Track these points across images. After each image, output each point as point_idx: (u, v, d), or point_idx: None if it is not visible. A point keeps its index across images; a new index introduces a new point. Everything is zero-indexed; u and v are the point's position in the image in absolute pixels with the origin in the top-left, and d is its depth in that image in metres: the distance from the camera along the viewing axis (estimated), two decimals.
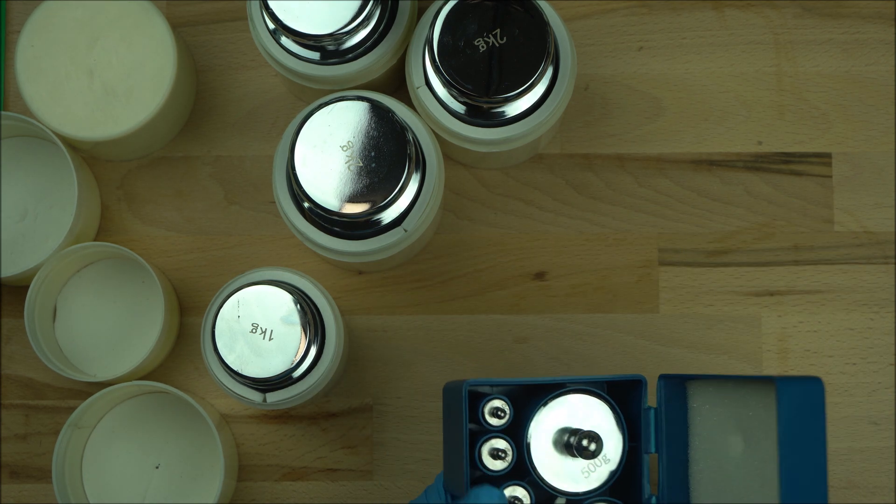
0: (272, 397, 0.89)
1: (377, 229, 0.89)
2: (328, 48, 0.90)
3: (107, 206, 1.00)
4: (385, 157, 0.86)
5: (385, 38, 0.91)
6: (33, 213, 0.98)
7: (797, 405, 0.80)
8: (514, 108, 0.90)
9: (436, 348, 0.98)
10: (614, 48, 1.00)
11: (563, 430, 0.85)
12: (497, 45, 0.87)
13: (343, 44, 0.90)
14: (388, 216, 0.88)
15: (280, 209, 0.90)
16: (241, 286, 0.88)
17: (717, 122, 1.00)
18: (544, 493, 0.86)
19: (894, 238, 0.99)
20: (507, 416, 0.86)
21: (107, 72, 0.95)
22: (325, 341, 0.90)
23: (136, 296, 0.98)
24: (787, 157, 1.00)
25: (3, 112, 0.95)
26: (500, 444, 0.86)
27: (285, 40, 0.91)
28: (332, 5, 0.88)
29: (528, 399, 0.87)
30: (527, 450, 0.85)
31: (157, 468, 0.97)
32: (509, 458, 0.85)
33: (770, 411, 0.83)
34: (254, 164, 1.00)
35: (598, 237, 0.99)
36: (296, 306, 0.87)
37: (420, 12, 0.93)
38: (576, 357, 0.98)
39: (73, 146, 0.97)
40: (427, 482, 0.97)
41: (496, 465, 0.86)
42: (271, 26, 0.91)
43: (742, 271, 0.99)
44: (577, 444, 0.83)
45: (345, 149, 0.86)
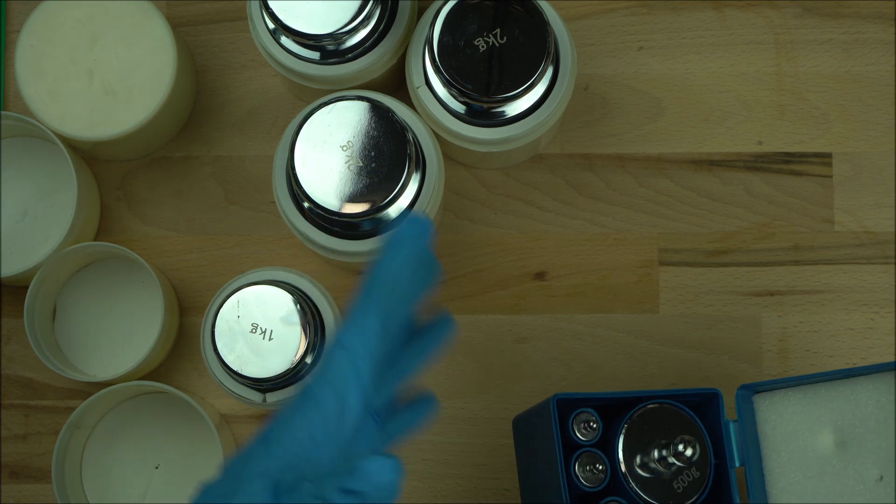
0: (272, 397, 0.89)
1: (377, 229, 0.89)
2: (328, 48, 0.90)
3: (107, 206, 1.00)
4: (385, 157, 0.86)
5: (385, 38, 0.91)
6: (33, 213, 0.98)
7: None
8: (514, 108, 0.90)
9: None
10: (614, 48, 1.00)
11: (652, 444, 0.85)
12: (497, 45, 0.87)
13: (343, 44, 0.90)
14: (388, 216, 0.88)
15: (280, 209, 0.90)
16: (241, 286, 0.88)
17: (717, 122, 1.00)
18: None
19: (894, 238, 0.99)
20: (598, 429, 0.86)
21: (107, 72, 0.95)
22: (325, 341, 0.90)
23: (136, 296, 0.98)
24: (788, 157, 1.00)
25: (3, 112, 0.95)
26: (594, 458, 0.85)
27: (285, 40, 0.91)
28: (332, 5, 0.88)
29: (609, 414, 0.87)
30: (619, 464, 0.85)
31: (157, 468, 0.97)
32: (604, 474, 0.85)
33: (864, 405, 0.84)
34: (254, 164, 1.00)
35: (598, 237, 0.99)
36: (296, 306, 0.87)
37: (420, 12, 0.93)
38: (576, 357, 0.98)
39: (72, 146, 0.97)
40: (427, 482, 0.97)
41: (592, 481, 0.85)
42: (271, 26, 0.91)
43: (742, 271, 0.99)
44: (673, 451, 0.82)
45: (345, 149, 0.86)
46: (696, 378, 0.98)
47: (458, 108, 0.90)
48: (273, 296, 0.87)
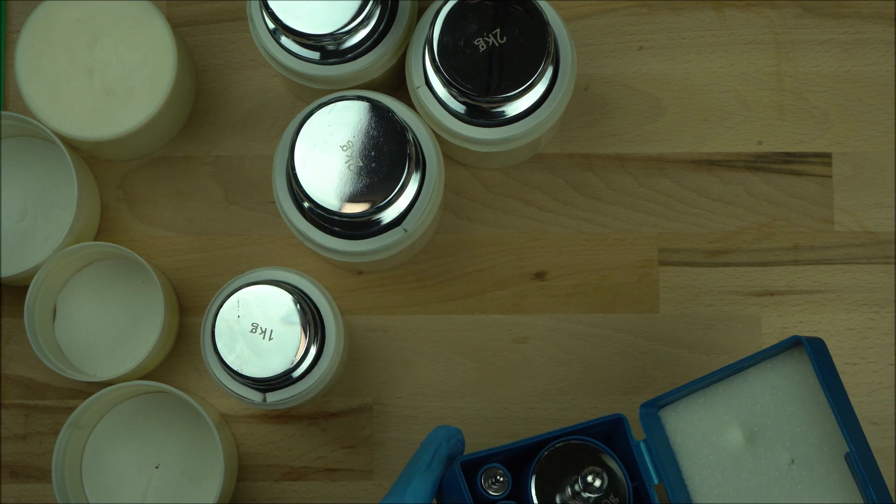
0: (272, 397, 0.89)
1: (377, 229, 0.89)
2: (328, 48, 0.90)
3: (107, 206, 1.00)
4: (385, 157, 0.86)
5: (385, 38, 0.91)
6: (33, 213, 0.98)
7: (820, 359, 0.83)
8: (514, 108, 0.90)
9: (436, 348, 0.98)
10: (614, 48, 1.00)
11: (564, 483, 0.84)
12: (497, 45, 0.87)
13: (343, 44, 0.90)
14: (388, 216, 0.88)
15: (280, 209, 0.90)
16: (241, 286, 0.88)
17: (717, 122, 1.00)
18: None
19: (894, 238, 0.99)
20: (507, 482, 0.85)
21: (107, 72, 0.95)
22: (325, 341, 0.90)
23: (136, 296, 0.98)
24: (788, 157, 1.00)
25: (3, 112, 0.95)
26: None
27: (285, 40, 0.91)
28: (332, 5, 0.88)
29: (520, 463, 0.86)
30: None
31: (157, 468, 0.97)
32: None
33: (760, 395, 0.85)
34: (254, 164, 1.00)
35: (598, 237, 0.99)
36: (296, 306, 0.87)
37: (420, 12, 0.93)
38: (575, 357, 0.98)
39: (73, 146, 0.97)
40: None
41: None
42: (271, 26, 0.91)
43: (742, 271, 0.99)
44: (583, 484, 0.81)
45: (345, 149, 0.86)
46: (696, 378, 0.98)
47: (458, 108, 0.90)
48: (273, 296, 0.87)
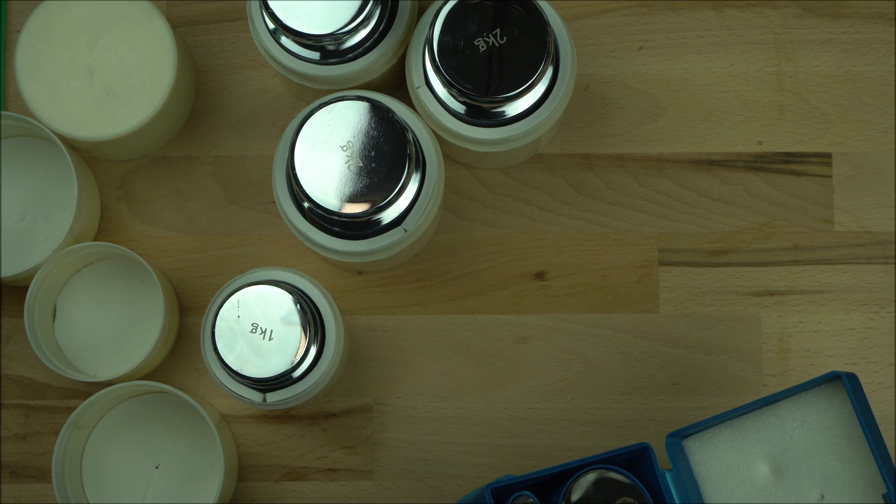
0: (272, 397, 0.89)
1: (377, 229, 0.89)
2: (328, 48, 0.90)
3: (107, 206, 1.00)
4: (385, 157, 0.86)
5: (385, 38, 0.91)
6: (33, 213, 0.98)
7: (857, 395, 0.82)
8: (514, 108, 0.90)
9: (436, 348, 0.98)
10: (614, 48, 1.00)
11: None
12: (497, 45, 0.87)
13: (343, 44, 0.90)
14: (388, 216, 0.88)
15: (280, 209, 0.90)
16: (241, 286, 0.88)
17: (717, 122, 1.00)
18: None
19: (894, 238, 0.99)
20: None
21: (107, 72, 0.95)
22: (325, 341, 0.90)
23: (136, 296, 0.98)
24: (787, 157, 1.00)
25: (3, 112, 0.95)
26: None
27: (285, 40, 0.91)
28: (332, 5, 0.88)
29: (547, 489, 0.86)
30: None
31: (157, 468, 0.97)
32: None
33: (790, 429, 0.84)
34: (254, 164, 1.00)
35: (598, 237, 0.99)
36: (296, 306, 0.87)
37: (420, 12, 0.93)
38: (576, 357, 0.98)
39: (73, 146, 0.97)
40: (427, 482, 0.97)
41: None
42: (271, 26, 0.91)
43: (742, 271, 0.99)
44: None
45: (345, 149, 0.86)
46: (697, 378, 0.98)
47: (458, 108, 0.90)
48: (273, 296, 0.87)
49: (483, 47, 0.87)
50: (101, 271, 0.98)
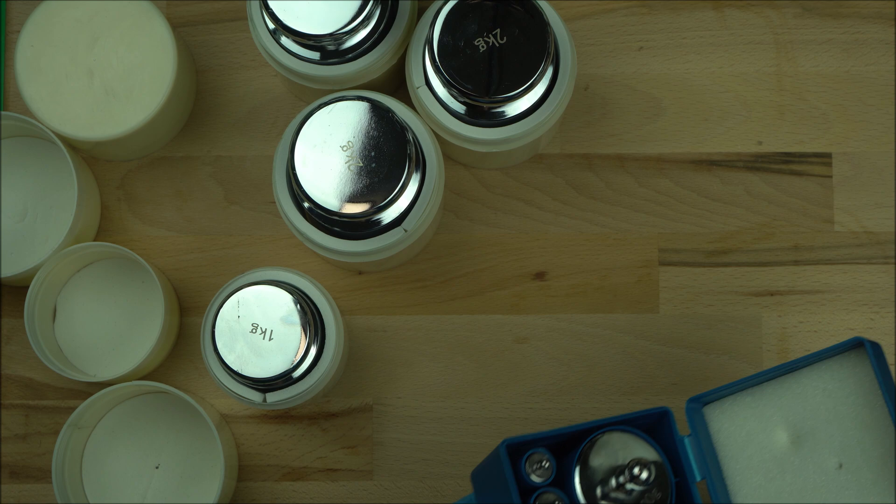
0: (272, 397, 0.89)
1: (377, 229, 0.89)
2: (328, 48, 0.90)
3: (107, 206, 1.00)
4: (385, 157, 0.86)
5: (385, 38, 0.91)
6: (33, 213, 0.98)
7: (880, 362, 0.82)
8: (514, 108, 0.90)
9: (436, 348, 0.99)
10: (614, 48, 1.00)
11: (609, 473, 0.83)
12: (497, 45, 0.87)
13: (343, 44, 0.90)
14: (388, 216, 0.88)
15: (280, 209, 0.90)
16: (241, 286, 0.88)
17: (717, 122, 1.00)
18: None
19: (894, 238, 0.99)
20: (552, 468, 0.84)
21: (107, 72, 0.95)
22: (325, 341, 0.90)
23: (136, 296, 0.98)
24: (787, 157, 1.00)
25: (3, 112, 0.95)
26: (551, 498, 0.83)
27: (285, 40, 0.91)
28: (332, 5, 0.88)
29: (563, 450, 0.86)
30: (577, 499, 0.83)
31: (157, 468, 0.97)
32: None
33: (811, 396, 0.84)
34: (254, 164, 1.00)
35: (598, 237, 0.99)
36: (296, 306, 0.87)
37: (420, 12, 0.93)
38: (576, 357, 0.98)
39: (73, 146, 0.97)
40: (427, 482, 0.97)
41: None
42: (271, 26, 0.91)
43: (742, 271, 0.99)
44: (629, 476, 0.81)
45: (345, 149, 0.86)
46: (697, 378, 0.98)
47: (458, 108, 0.90)
48: (273, 296, 0.87)
49: (483, 47, 0.87)
50: (101, 271, 0.98)
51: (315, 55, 0.91)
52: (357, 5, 0.88)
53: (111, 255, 0.98)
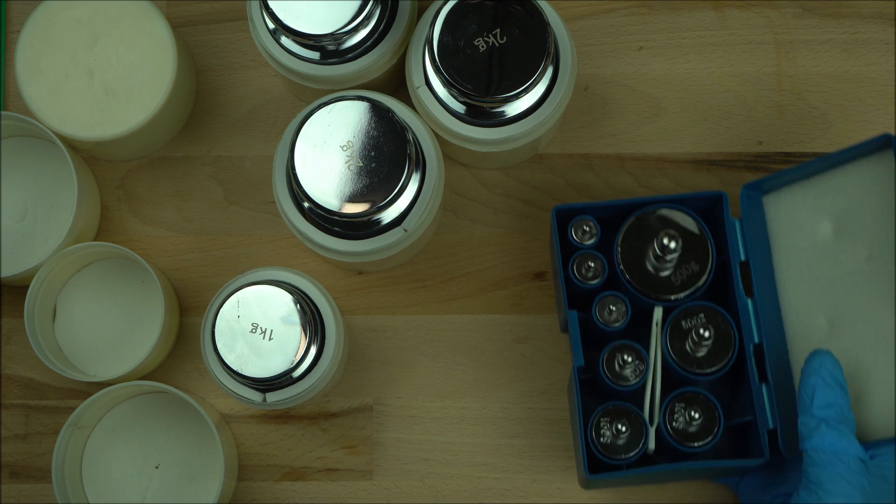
0: (272, 397, 0.89)
1: (377, 229, 0.89)
2: (328, 48, 0.90)
3: (107, 206, 1.00)
4: (385, 157, 0.86)
5: (385, 38, 0.91)
6: (33, 213, 0.98)
7: None
8: (514, 108, 0.90)
9: (436, 348, 0.98)
10: (614, 48, 1.00)
11: (651, 245, 0.90)
12: (497, 45, 0.87)
13: (343, 44, 0.90)
14: (388, 216, 0.88)
15: (280, 209, 0.90)
16: (241, 286, 0.88)
17: (717, 122, 1.00)
18: (641, 303, 0.91)
19: None
20: (596, 234, 0.91)
21: (107, 72, 0.95)
22: (325, 341, 0.90)
23: (136, 296, 0.98)
24: (787, 157, 1.00)
25: (3, 112, 0.95)
26: (591, 258, 0.91)
27: (285, 40, 0.91)
28: (332, 5, 0.88)
29: (615, 224, 0.93)
30: (618, 262, 0.90)
31: (157, 468, 0.97)
32: (601, 271, 0.91)
33: (858, 186, 0.89)
34: (254, 164, 1.00)
35: None
36: (296, 306, 0.87)
37: (420, 12, 0.93)
38: None
39: (73, 146, 0.97)
40: (427, 482, 0.97)
41: (588, 278, 0.91)
42: (271, 26, 0.91)
43: None
44: (658, 246, 0.88)
45: (345, 149, 0.86)
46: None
47: (458, 108, 0.90)
48: (273, 296, 0.87)
49: (483, 47, 0.87)
50: (101, 271, 0.98)
51: (315, 55, 0.91)
52: (357, 5, 0.88)
53: (111, 255, 0.98)
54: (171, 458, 0.97)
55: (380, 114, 0.86)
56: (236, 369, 0.87)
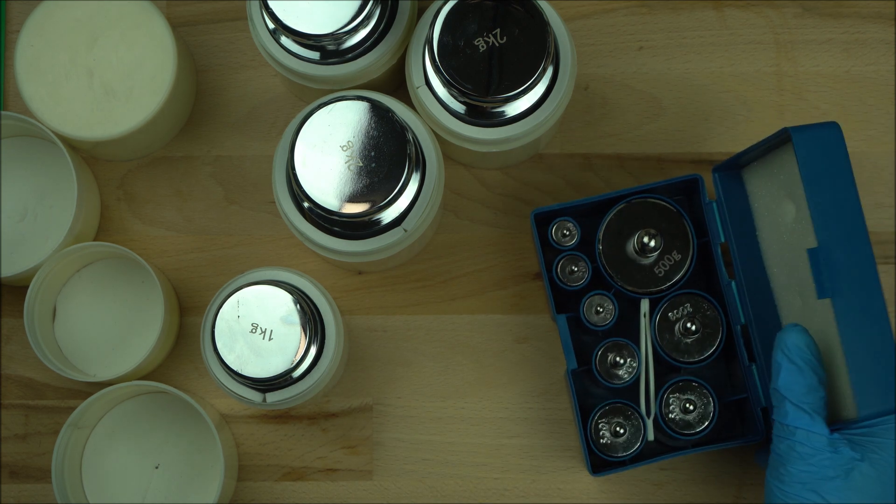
0: (272, 397, 0.89)
1: (377, 229, 0.89)
2: (328, 48, 0.90)
3: (107, 206, 1.00)
4: (385, 157, 0.86)
5: (385, 38, 0.91)
6: (33, 213, 0.98)
7: (816, 147, 0.85)
8: (514, 108, 0.90)
9: (436, 348, 0.98)
10: (614, 48, 1.00)
11: (632, 239, 0.91)
12: (497, 45, 0.87)
13: (343, 44, 0.90)
14: (388, 216, 0.88)
15: (280, 209, 0.90)
16: (241, 286, 0.88)
17: (717, 122, 1.00)
18: (626, 299, 0.92)
19: (894, 238, 0.99)
20: (576, 234, 0.92)
21: (107, 72, 0.95)
22: (325, 341, 0.90)
23: (136, 296, 0.98)
24: None
25: (3, 112, 0.95)
26: (574, 260, 0.92)
27: (285, 40, 0.91)
28: (332, 5, 0.88)
29: (595, 221, 0.93)
30: (601, 261, 0.91)
31: (157, 468, 0.97)
32: (585, 272, 0.92)
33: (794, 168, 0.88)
34: (254, 164, 1.00)
35: None
36: (296, 306, 0.87)
37: (420, 12, 0.93)
38: None
39: (73, 146, 0.97)
40: (427, 482, 0.97)
41: (572, 281, 0.92)
42: (271, 26, 0.91)
43: None
44: (638, 244, 0.89)
45: (345, 149, 0.86)
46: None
47: (458, 108, 0.90)
48: (273, 296, 0.87)
49: (483, 47, 0.87)
50: (101, 271, 0.98)
51: (315, 55, 0.91)
52: (357, 5, 0.88)
53: (111, 255, 0.98)
54: (171, 458, 0.97)
55: (380, 114, 0.86)
56: (236, 369, 0.87)
